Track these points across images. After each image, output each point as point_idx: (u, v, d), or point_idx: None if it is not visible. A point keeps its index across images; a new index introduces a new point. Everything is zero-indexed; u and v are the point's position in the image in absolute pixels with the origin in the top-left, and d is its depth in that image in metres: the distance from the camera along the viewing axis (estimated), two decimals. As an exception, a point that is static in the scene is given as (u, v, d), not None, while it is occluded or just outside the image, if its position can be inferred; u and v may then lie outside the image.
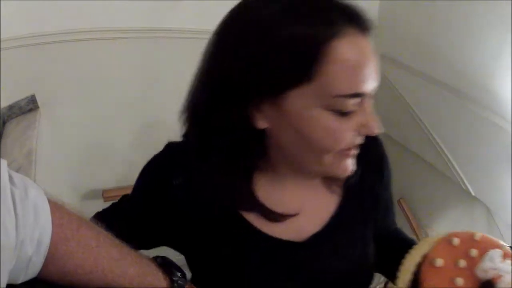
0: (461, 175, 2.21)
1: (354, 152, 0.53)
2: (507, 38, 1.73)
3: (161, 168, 0.62)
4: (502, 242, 0.55)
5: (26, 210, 0.41)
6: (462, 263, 0.53)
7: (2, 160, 0.41)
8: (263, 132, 0.52)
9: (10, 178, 0.41)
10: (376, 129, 0.50)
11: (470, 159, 2.16)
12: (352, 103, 0.47)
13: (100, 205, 2.12)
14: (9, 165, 0.42)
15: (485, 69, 1.90)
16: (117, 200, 0.73)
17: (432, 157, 2.35)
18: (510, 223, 2.04)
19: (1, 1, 1.17)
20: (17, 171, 0.42)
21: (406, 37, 2.29)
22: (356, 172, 0.56)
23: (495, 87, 1.89)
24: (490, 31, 1.81)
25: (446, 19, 2.00)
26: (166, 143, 0.63)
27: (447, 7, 1.95)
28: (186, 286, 0.61)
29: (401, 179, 2.75)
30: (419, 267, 0.55)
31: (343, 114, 0.48)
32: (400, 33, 2.31)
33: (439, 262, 0.53)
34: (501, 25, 1.74)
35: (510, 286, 0.48)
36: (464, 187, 2.21)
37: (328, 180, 0.62)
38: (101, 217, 0.65)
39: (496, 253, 0.52)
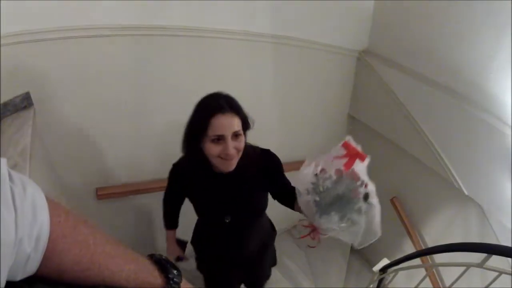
0: (454, 174, 2.23)
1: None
2: (503, 37, 1.74)
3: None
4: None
5: (25, 208, 0.41)
6: None
7: (2, 158, 0.41)
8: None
9: (9, 176, 0.42)
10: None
11: (463, 158, 2.18)
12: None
13: (94, 202, 2.12)
14: (5, 163, 0.43)
15: (481, 69, 1.92)
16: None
17: (425, 156, 2.37)
18: (505, 221, 2.06)
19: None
20: (13, 169, 0.42)
21: (401, 37, 2.30)
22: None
23: (490, 87, 1.90)
24: (486, 31, 1.82)
25: (441, 19, 2.01)
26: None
27: (442, 7, 1.96)
28: (182, 283, 0.62)
29: (395, 178, 2.78)
30: None
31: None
32: (395, 33, 2.32)
33: None
34: (497, 25, 1.75)
35: None
36: (457, 186, 2.23)
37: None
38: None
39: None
